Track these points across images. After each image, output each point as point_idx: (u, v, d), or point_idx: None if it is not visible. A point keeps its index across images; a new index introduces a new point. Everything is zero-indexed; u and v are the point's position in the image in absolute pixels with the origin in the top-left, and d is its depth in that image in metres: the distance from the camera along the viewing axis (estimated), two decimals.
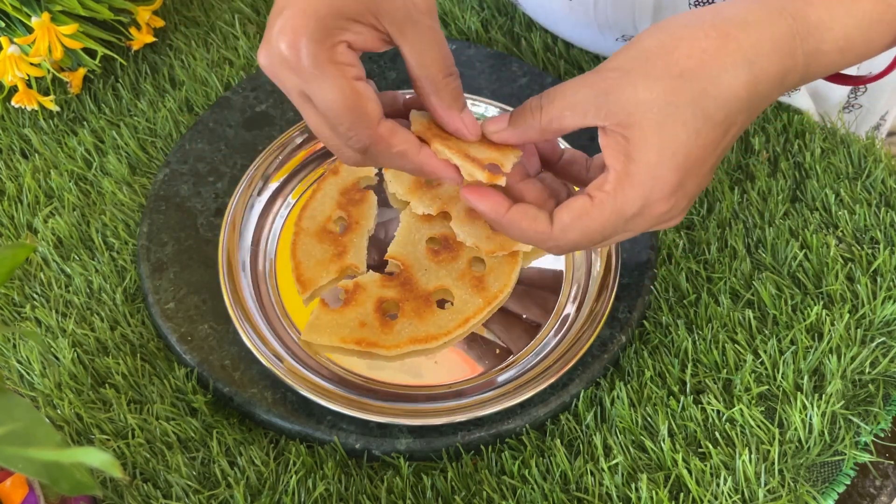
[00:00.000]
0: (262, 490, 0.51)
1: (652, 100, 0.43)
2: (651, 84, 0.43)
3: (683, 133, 0.43)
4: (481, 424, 0.53)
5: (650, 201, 0.44)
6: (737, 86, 0.44)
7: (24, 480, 0.43)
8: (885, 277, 0.58)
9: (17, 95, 0.66)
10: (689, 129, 0.43)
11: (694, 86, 0.43)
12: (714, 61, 0.44)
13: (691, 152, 0.43)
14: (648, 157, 0.43)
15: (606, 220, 0.45)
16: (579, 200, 0.46)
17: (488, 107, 0.66)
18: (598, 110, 0.44)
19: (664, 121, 0.43)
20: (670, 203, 0.44)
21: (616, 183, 0.44)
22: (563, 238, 0.46)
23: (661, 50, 0.44)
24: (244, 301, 0.56)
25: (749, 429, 0.52)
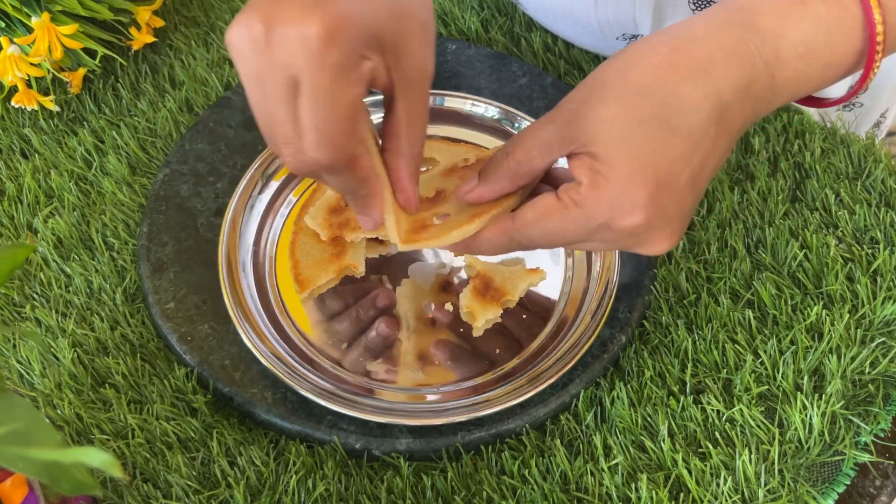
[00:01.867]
0: (262, 490, 0.51)
1: (613, 116, 0.43)
2: (609, 104, 0.43)
3: (650, 146, 0.43)
4: (481, 424, 0.53)
5: (618, 213, 0.43)
6: (697, 96, 0.43)
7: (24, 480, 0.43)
8: (885, 277, 0.58)
9: (17, 95, 0.66)
10: (656, 143, 0.43)
11: (653, 100, 0.43)
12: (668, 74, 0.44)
13: (660, 166, 0.43)
14: (616, 170, 0.43)
15: (569, 225, 0.44)
16: (545, 200, 0.45)
17: (488, 107, 0.66)
18: (563, 141, 0.44)
19: (629, 135, 0.43)
20: (641, 218, 0.43)
21: (585, 193, 0.44)
22: (523, 233, 0.46)
23: (616, 73, 0.44)
24: (244, 301, 0.57)
25: (749, 429, 0.52)
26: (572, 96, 0.45)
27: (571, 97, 0.45)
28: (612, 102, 0.43)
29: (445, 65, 0.70)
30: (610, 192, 0.43)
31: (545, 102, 0.68)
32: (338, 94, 0.41)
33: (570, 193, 0.44)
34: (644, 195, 0.43)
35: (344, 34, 0.40)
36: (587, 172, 0.43)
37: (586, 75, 0.72)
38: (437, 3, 0.76)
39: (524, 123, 0.65)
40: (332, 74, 0.40)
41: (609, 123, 0.43)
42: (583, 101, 0.44)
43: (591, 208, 0.43)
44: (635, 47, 0.45)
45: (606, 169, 0.43)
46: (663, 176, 0.43)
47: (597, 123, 0.43)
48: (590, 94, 0.44)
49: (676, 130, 0.43)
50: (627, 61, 0.45)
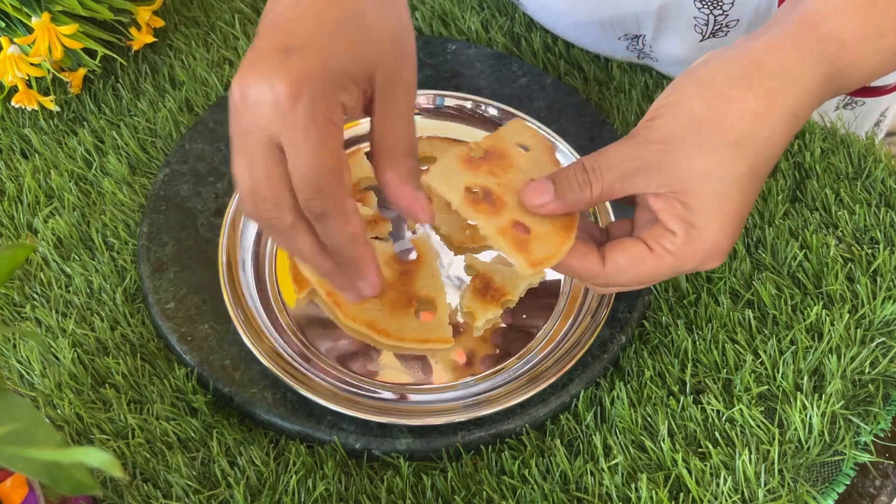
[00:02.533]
0: (262, 490, 0.51)
1: (711, 171, 0.44)
2: (707, 155, 0.44)
3: (741, 199, 0.45)
4: (481, 424, 0.53)
5: (706, 260, 0.46)
6: (783, 140, 0.45)
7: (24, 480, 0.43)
8: (884, 277, 0.58)
9: (17, 95, 0.66)
10: (746, 194, 0.45)
11: (749, 152, 0.44)
12: (765, 123, 0.44)
13: (742, 213, 0.46)
14: (711, 225, 0.45)
15: (660, 272, 0.47)
16: (637, 248, 0.46)
17: (488, 107, 0.66)
18: (650, 181, 0.45)
19: (724, 191, 0.44)
20: (722, 259, 0.47)
21: (680, 245, 0.46)
22: (613, 278, 0.47)
23: (712, 116, 0.44)
24: (244, 301, 0.57)
25: (749, 429, 0.52)
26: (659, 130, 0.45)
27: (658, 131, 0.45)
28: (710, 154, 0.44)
29: (445, 65, 0.70)
30: (703, 246, 0.45)
31: (545, 102, 0.68)
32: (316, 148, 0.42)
33: (664, 243, 0.46)
34: (730, 242, 0.46)
35: (310, 90, 0.41)
36: (681, 224, 0.45)
37: (586, 75, 0.72)
38: (438, 3, 0.76)
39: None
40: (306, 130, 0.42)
41: (706, 178, 0.44)
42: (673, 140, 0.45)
43: (685, 259, 0.46)
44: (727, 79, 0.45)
45: (701, 224, 0.45)
46: (743, 220, 0.46)
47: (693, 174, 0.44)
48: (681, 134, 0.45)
49: (762, 178, 0.46)
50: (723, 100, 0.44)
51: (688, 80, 0.46)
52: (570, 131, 0.66)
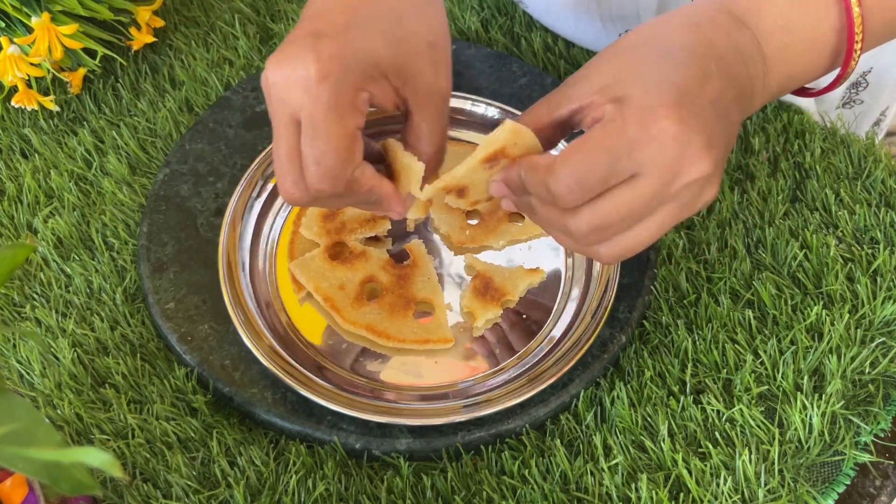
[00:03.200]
0: (262, 490, 0.51)
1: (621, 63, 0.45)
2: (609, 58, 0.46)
3: (659, 71, 0.44)
4: (481, 424, 0.53)
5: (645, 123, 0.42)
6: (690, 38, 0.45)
7: (24, 480, 0.43)
8: (885, 277, 0.58)
9: (17, 95, 0.66)
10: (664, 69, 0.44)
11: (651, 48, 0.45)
12: (660, 27, 0.47)
13: (673, 81, 0.43)
14: (635, 87, 0.43)
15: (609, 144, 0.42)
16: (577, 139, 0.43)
17: (488, 107, 0.66)
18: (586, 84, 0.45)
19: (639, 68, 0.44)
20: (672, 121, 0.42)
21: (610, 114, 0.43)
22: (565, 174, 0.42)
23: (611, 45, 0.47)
24: (244, 301, 0.57)
25: (749, 429, 0.52)
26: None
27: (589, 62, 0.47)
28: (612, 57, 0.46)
29: None
30: (635, 102, 0.42)
31: None
32: (332, 129, 0.44)
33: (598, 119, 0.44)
34: (668, 99, 0.42)
35: (337, 72, 0.44)
36: (608, 104, 0.43)
37: None
38: None
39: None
40: (326, 110, 0.44)
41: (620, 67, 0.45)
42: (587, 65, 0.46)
43: (626, 120, 0.42)
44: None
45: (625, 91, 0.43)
46: (681, 90, 0.43)
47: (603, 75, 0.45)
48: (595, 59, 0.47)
49: (679, 62, 0.44)
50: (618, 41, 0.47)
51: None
52: None
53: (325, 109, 0.44)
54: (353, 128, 0.45)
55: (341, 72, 0.44)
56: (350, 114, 0.44)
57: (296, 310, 0.58)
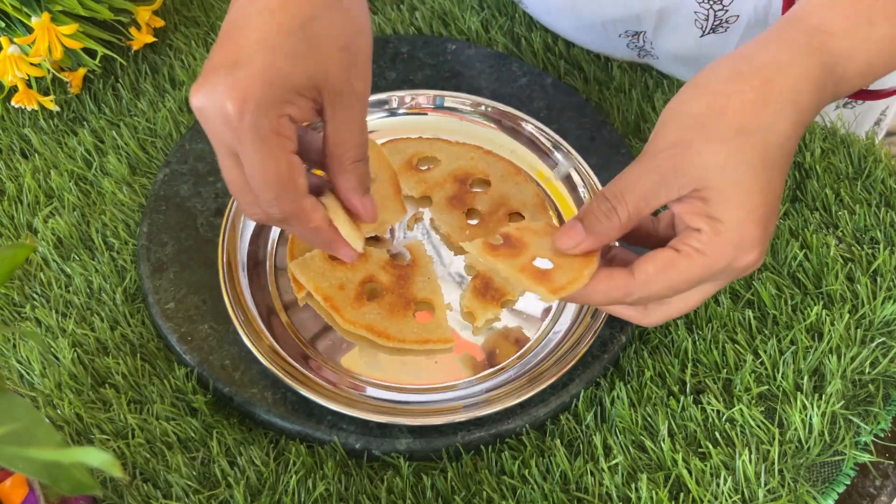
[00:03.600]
0: (262, 490, 0.51)
1: (721, 162, 0.44)
2: (714, 148, 0.44)
3: (757, 185, 0.44)
4: (481, 424, 0.53)
5: (740, 253, 0.45)
6: (788, 127, 0.45)
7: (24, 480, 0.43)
8: (885, 277, 0.58)
9: (17, 95, 0.66)
10: (762, 181, 0.45)
11: (755, 140, 0.45)
12: (765, 111, 0.45)
13: (767, 201, 0.45)
14: (733, 214, 0.44)
15: (693, 273, 0.45)
16: (664, 253, 0.46)
17: (488, 107, 0.66)
18: (670, 189, 0.45)
19: (738, 179, 0.44)
20: (757, 253, 0.45)
21: (706, 241, 0.45)
22: (645, 289, 0.46)
23: (712, 113, 0.45)
24: (244, 301, 0.57)
25: (749, 429, 0.52)
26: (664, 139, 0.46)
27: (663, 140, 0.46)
28: (718, 146, 0.44)
29: (445, 65, 0.70)
30: (730, 236, 0.44)
31: (545, 102, 0.68)
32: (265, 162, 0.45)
33: (691, 242, 0.45)
34: (759, 233, 0.45)
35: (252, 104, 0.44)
36: (704, 220, 0.45)
37: (586, 75, 0.73)
38: (438, 3, 0.76)
39: (524, 124, 0.65)
40: (253, 145, 0.45)
41: (720, 169, 0.44)
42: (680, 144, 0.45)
43: (714, 254, 0.45)
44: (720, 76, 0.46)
45: (723, 215, 0.44)
46: (770, 210, 0.45)
47: (706, 169, 0.44)
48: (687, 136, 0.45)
49: (777, 166, 0.45)
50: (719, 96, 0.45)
51: (686, 88, 0.47)
52: (570, 131, 0.66)
53: (251, 144, 0.44)
54: (285, 155, 0.46)
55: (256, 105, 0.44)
56: (276, 143, 0.45)
57: (296, 310, 0.58)
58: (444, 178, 0.63)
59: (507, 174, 0.63)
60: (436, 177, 0.63)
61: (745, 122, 0.45)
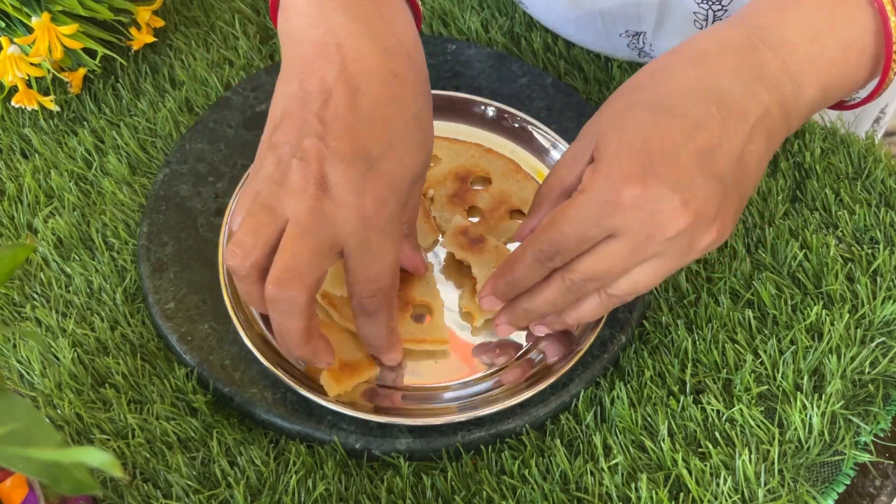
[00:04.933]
0: (262, 490, 0.51)
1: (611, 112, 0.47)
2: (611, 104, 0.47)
3: (639, 126, 0.45)
4: (481, 424, 0.53)
5: (615, 187, 0.44)
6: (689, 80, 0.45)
7: (24, 480, 0.43)
8: (885, 277, 0.58)
9: (17, 95, 0.66)
10: (646, 123, 0.45)
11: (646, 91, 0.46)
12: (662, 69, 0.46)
13: (650, 141, 0.44)
14: (608, 150, 0.45)
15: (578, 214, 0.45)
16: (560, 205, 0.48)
17: (487, 107, 0.66)
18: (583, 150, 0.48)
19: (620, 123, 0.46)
20: (637, 188, 0.44)
21: (586, 179, 0.46)
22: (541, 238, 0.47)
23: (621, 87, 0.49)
24: (244, 301, 0.56)
25: (749, 429, 0.52)
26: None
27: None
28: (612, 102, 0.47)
29: (445, 65, 0.70)
30: (603, 170, 0.45)
31: (545, 102, 0.68)
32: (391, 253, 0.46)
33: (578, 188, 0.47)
34: (634, 166, 0.44)
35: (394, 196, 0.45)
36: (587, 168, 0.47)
37: (586, 75, 0.73)
38: (438, 3, 0.76)
39: (524, 124, 0.65)
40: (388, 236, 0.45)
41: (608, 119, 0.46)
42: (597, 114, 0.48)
43: (592, 188, 0.45)
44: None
45: (601, 154, 0.45)
46: (655, 149, 0.44)
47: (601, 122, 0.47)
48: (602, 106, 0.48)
49: (668, 111, 0.45)
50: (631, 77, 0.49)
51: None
52: (570, 131, 0.66)
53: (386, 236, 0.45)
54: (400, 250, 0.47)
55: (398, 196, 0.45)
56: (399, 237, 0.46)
57: None
58: (445, 175, 0.63)
59: (507, 172, 0.63)
60: (436, 175, 0.63)
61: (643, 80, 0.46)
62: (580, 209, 0.45)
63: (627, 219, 0.44)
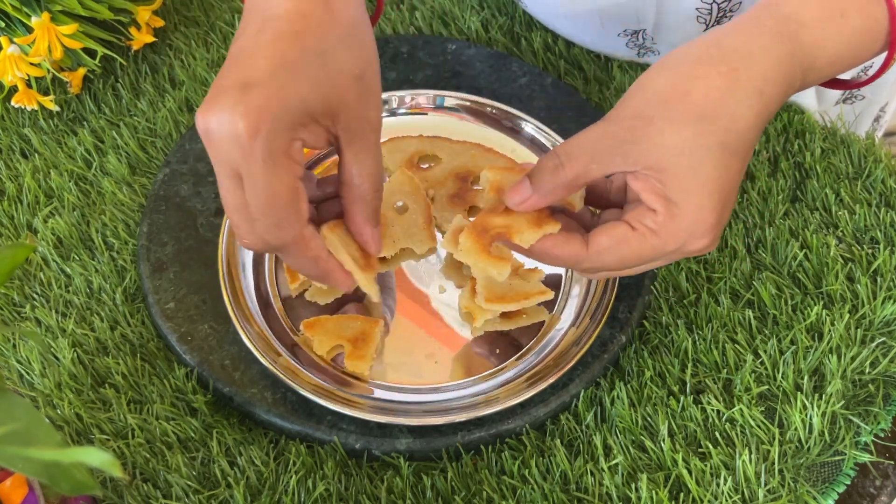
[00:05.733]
0: (262, 490, 0.51)
1: (681, 145, 0.45)
2: (676, 128, 0.45)
3: (715, 172, 0.45)
4: (481, 424, 0.53)
5: (692, 238, 0.46)
6: (751, 116, 0.45)
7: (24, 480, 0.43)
8: (885, 277, 0.58)
9: (17, 95, 0.66)
10: (721, 168, 0.45)
11: (717, 126, 0.45)
12: (730, 98, 0.45)
13: (724, 188, 0.45)
14: (689, 200, 0.45)
15: (645, 252, 0.46)
16: (619, 228, 0.47)
17: (488, 107, 0.66)
18: (626, 158, 0.46)
19: (698, 164, 0.45)
20: (710, 239, 0.46)
21: (661, 222, 0.46)
22: (597, 260, 0.48)
23: (677, 92, 0.46)
24: (244, 301, 0.57)
25: (749, 429, 0.52)
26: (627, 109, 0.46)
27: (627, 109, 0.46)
28: (679, 127, 0.45)
29: (445, 65, 0.70)
30: (685, 222, 0.45)
31: (545, 102, 0.68)
32: (271, 184, 0.43)
33: (645, 222, 0.46)
34: (714, 219, 0.45)
35: (267, 126, 0.43)
36: (660, 201, 0.45)
37: (586, 75, 0.73)
38: (438, 3, 0.76)
39: (524, 124, 0.65)
40: (262, 166, 0.43)
41: (679, 151, 0.45)
42: (642, 117, 0.46)
43: (668, 237, 0.46)
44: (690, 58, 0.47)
45: (679, 198, 0.45)
46: (727, 198, 0.46)
47: (665, 149, 0.45)
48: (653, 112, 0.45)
49: (737, 154, 0.46)
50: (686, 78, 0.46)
51: (656, 65, 0.48)
52: (570, 131, 0.65)
53: (261, 165, 0.43)
54: (292, 180, 0.44)
55: (271, 125, 0.43)
56: (286, 166, 0.44)
57: (296, 310, 0.58)
58: (446, 176, 0.63)
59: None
60: (437, 175, 0.63)
61: (709, 107, 0.45)
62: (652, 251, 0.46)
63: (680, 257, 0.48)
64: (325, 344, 0.55)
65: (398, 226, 0.59)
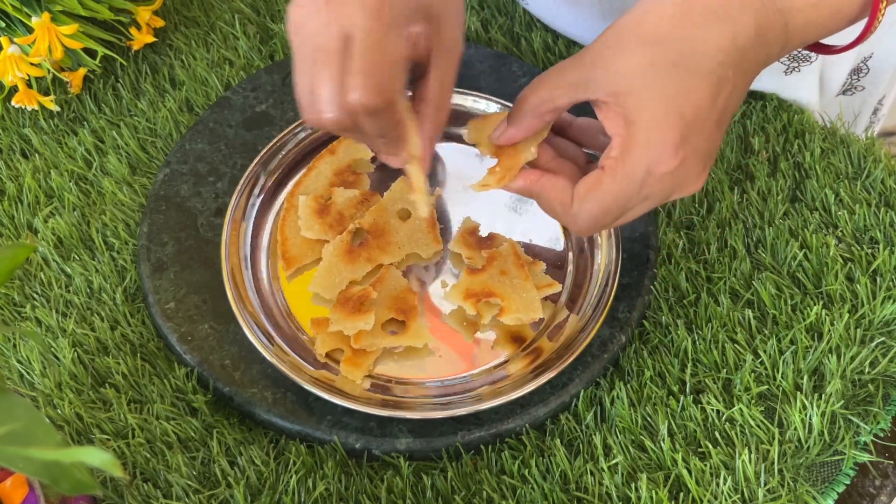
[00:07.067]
0: (262, 490, 0.51)
1: (636, 65, 0.45)
2: (630, 53, 0.46)
3: (673, 90, 0.45)
4: (481, 424, 0.53)
5: (656, 159, 0.45)
6: (714, 39, 0.45)
7: (24, 480, 0.43)
8: (884, 277, 0.58)
9: (18, 95, 0.66)
10: (679, 87, 0.45)
11: (670, 48, 0.45)
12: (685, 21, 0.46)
13: (686, 106, 0.45)
14: (646, 116, 0.45)
15: (619, 188, 0.46)
16: (593, 173, 0.47)
17: (489, 103, 0.66)
18: (587, 84, 0.46)
19: (653, 82, 0.45)
20: (677, 159, 0.45)
21: (621, 148, 0.46)
22: (581, 211, 0.48)
23: (631, 24, 0.47)
24: (248, 300, 0.56)
25: (749, 429, 0.52)
26: (590, 46, 0.48)
27: (590, 47, 0.48)
28: (633, 51, 0.46)
29: None
30: (643, 137, 0.45)
31: None
32: (388, 44, 0.44)
33: (611, 153, 0.46)
34: (676, 136, 0.45)
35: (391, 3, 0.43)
36: (620, 123, 0.46)
37: None
38: None
39: None
40: (385, 27, 0.44)
41: (634, 73, 0.45)
42: (602, 49, 0.47)
43: (631, 162, 0.45)
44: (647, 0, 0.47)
45: (637, 117, 0.45)
46: (691, 118, 0.45)
47: (623, 74, 0.45)
48: (608, 43, 0.47)
49: (696, 74, 0.45)
50: (641, 13, 0.47)
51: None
52: None
53: (385, 26, 0.44)
54: (402, 53, 0.45)
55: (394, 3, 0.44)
56: (402, 40, 0.45)
57: (298, 309, 0.58)
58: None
59: None
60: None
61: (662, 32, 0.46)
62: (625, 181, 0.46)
63: (658, 186, 0.46)
64: (328, 344, 0.55)
65: (403, 232, 0.59)
